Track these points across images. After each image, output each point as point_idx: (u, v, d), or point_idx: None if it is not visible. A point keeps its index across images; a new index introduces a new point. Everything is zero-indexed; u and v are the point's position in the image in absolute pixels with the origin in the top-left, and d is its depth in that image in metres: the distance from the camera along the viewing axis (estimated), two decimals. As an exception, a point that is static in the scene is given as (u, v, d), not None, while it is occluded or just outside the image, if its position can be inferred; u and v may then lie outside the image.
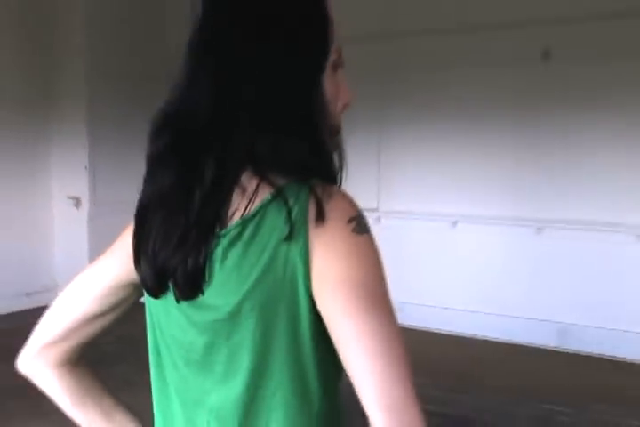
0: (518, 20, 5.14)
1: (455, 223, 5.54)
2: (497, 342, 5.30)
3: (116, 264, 1.20)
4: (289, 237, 0.99)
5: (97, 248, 5.67)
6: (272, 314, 1.02)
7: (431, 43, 5.50)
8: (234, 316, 1.04)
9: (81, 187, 6.24)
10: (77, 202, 6.25)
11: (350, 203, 1.04)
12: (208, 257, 1.04)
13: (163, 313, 1.13)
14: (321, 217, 1.00)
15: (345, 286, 0.98)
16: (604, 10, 4.87)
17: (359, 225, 1.02)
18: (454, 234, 5.55)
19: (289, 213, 1.00)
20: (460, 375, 4.61)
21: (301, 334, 1.03)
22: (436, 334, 5.49)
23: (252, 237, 1.02)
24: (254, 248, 1.02)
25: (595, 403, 4.15)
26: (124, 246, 1.16)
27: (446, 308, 5.54)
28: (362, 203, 1.08)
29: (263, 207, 1.02)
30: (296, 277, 1.00)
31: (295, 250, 1.00)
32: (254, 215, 1.02)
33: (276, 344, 1.03)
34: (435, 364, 4.62)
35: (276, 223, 1.01)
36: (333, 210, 1.01)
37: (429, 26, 5.45)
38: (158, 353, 1.16)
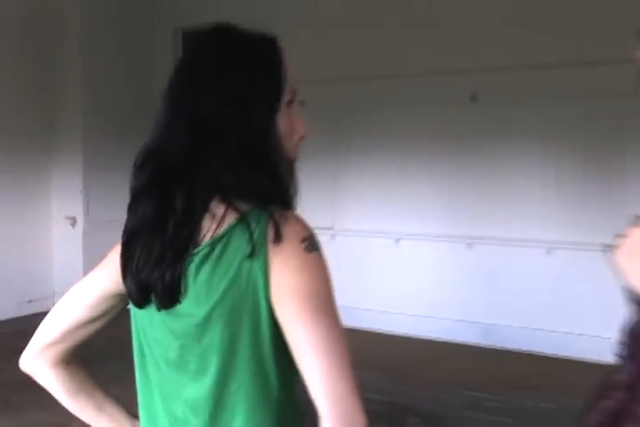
0: (451, 68, 5.23)
1: (399, 240, 5.57)
2: (434, 341, 5.31)
3: (105, 278, 1.20)
4: (251, 255, 1.01)
5: (90, 261, 5.61)
6: (237, 320, 1.03)
7: (381, 85, 5.55)
8: (205, 321, 1.04)
9: (76, 208, 6.17)
10: (73, 221, 6.18)
11: (303, 225, 1.05)
12: (183, 273, 1.05)
13: (146, 320, 1.13)
14: (278, 238, 1.01)
15: (299, 297, 0.99)
16: (521, 62, 4.99)
17: (311, 244, 1.03)
18: (398, 249, 5.58)
19: (251, 234, 1.01)
20: (403, 370, 4.61)
21: (262, 338, 1.03)
22: (383, 334, 5.49)
23: (220, 255, 1.03)
24: (222, 265, 1.03)
25: (513, 390, 4.19)
26: (111, 263, 1.16)
27: (392, 312, 5.55)
28: (319, 222, 1.09)
29: (229, 230, 1.03)
30: (257, 288, 1.01)
31: (256, 266, 1.01)
32: (222, 237, 1.03)
33: (240, 346, 1.04)
34: (382, 360, 4.63)
35: (240, 243, 1.02)
36: (289, 232, 1.02)
37: (379, 72, 5.52)
38: (142, 353, 1.16)
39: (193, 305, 1.05)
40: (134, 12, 6.50)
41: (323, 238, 1.07)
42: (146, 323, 1.14)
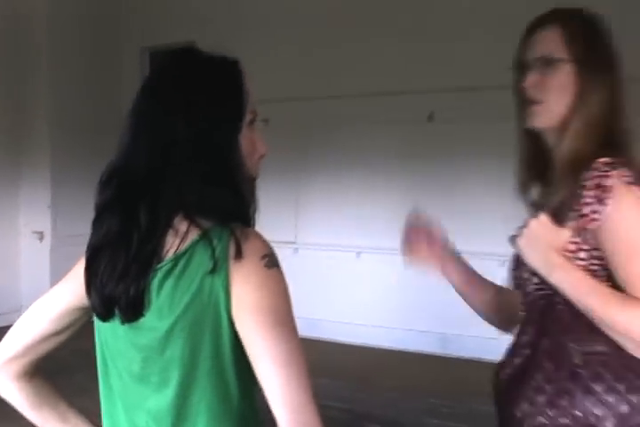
0: (410, 89, 5.27)
1: (359, 254, 5.58)
2: (393, 350, 5.32)
3: (69, 292, 1.18)
4: (213, 271, 1.01)
5: (57, 275, 5.51)
6: (199, 334, 1.03)
7: (342, 104, 5.56)
8: (168, 335, 1.04)
9: (44, 223, 6.07)
10: (41, 236, 6.09)
11: (263, 242, 1.05)
12: (146, 287, 1.04)
13: (110, 332, 1.12)
14: (239, 254, 1.01)
15: (259, 312, 1.00)
16: (475, 84, 5.06)
17: (271, 261, 1.03)
18: (358, 262, 5.58)
19: (213, 251, 1.01)
20: (363, 378, 4.60)
21: (222, 350, 1.03)
22: (344, 344, 5.48)
23: (183, 270, 1.03)
24: (185, 279, 1.02)
25: (468, 396, 4.21)
26: (75, 277, 1.15)
27: (352, 323, 5.55)
28: (282, 236, 1.09)
29: (192, 246, 1.03)
30: (219, 303, 1.01)
31: (218, 281, 1.01)
32: (185, 252, 1.03)
33: (201, 359, 1.04)
34: (342, 369, 4.62)
35: (202, 259, 1.02)
36: (249, 248, 1.02)
37: (341, 91, 5.54)
38: (106, 365, 1.15)
39: (156, 319, 1.05)
40: (102, 32, 6.45)
41: (286, 252, 1.08)
42: (109, 336, 1.13)
